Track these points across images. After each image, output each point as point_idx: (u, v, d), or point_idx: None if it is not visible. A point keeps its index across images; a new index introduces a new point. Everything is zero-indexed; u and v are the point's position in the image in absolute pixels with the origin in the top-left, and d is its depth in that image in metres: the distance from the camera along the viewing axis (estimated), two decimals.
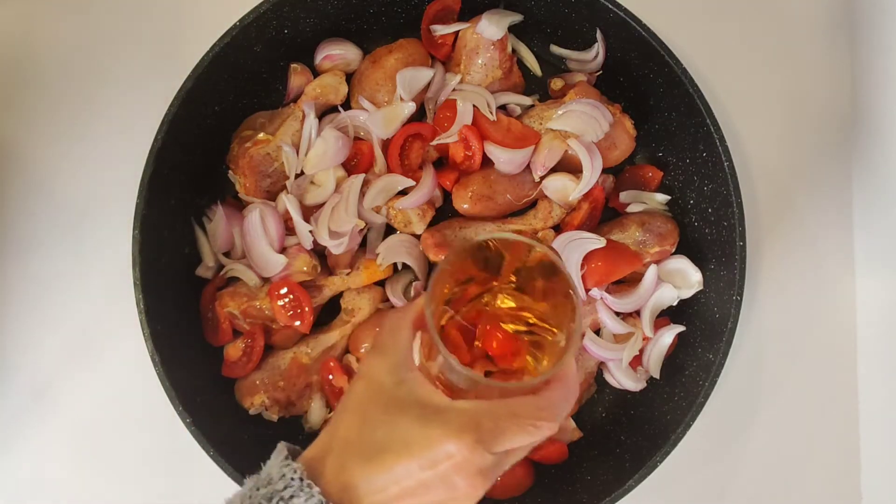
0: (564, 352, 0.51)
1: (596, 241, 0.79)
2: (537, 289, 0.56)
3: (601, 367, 0.83)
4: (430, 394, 0.52)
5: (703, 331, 0.79)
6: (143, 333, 0.73)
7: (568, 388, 0.53)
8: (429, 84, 0.83)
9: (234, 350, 0.81)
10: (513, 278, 0.56)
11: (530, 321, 0.56)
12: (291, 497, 0.48)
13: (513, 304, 0.56)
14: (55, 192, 0.87)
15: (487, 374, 0.55)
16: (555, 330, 0.54)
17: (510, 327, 0.56)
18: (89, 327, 0.86)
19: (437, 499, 0.50)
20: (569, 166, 0.82)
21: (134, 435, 0.85)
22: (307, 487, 0.49)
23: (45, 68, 0.88)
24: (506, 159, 0.80)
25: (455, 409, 0.51)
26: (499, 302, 0.57)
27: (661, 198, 0.85)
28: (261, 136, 0.81)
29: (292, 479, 0.49)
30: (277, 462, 0.51)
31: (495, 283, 0.56)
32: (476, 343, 0.55)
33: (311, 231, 0.79)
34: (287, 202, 0.79)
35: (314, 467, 0.51)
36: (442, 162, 0.85)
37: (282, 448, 0.52)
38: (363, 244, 0.83)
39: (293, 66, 0.84)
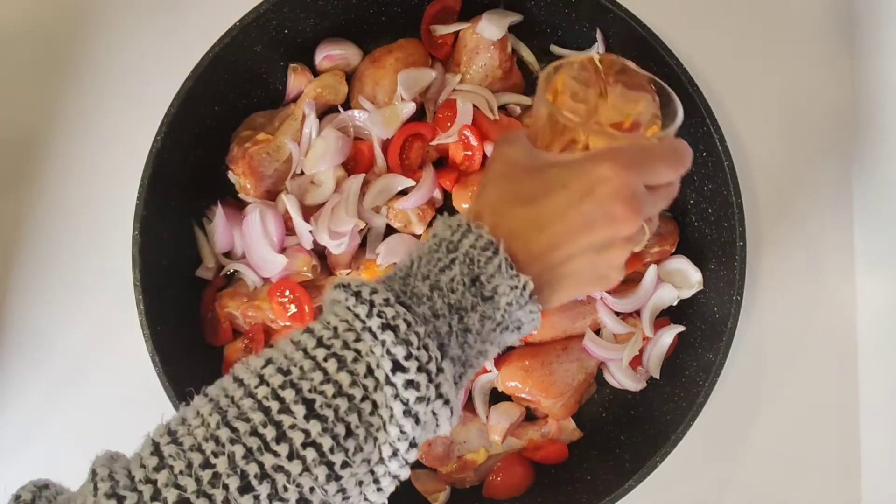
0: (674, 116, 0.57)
1: None
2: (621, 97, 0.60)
3: (601, 367, 0.83)
4: (567, 155, 0.53)
5: (703, 331, 0.79)
6: (143, 334, 0.73)
7: (685, 145, 0.56)
8: (429, 84, 0.83)
9: (234, 350, 0.81)
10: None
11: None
12: (461, 239, 0.49)
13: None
14: (54, 193, 0.87)
15: None
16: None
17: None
18: (89, 328, 0.86)
19: (600, 236, 0.50)
20: None
21: (134, 436, 0.85)
22: (475, 228, 0.49)
23: (43, 69, 0.88)
24: None
25: (598, 150, 0.52)
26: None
27: None
28: (261, 136, 0.81)
29: (459, 225, 0.50)
30: (439, 223, 0.51)
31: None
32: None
33: (310, 231, 0.79)
34: (287, 202, 0.79)
35: (471, 220, 0.51)
36: (442, 162, 0.85)
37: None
38: (363, 244, 0.83)
39: (293, 66, 0.84)
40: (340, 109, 0.83)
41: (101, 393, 0.85)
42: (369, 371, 0.45)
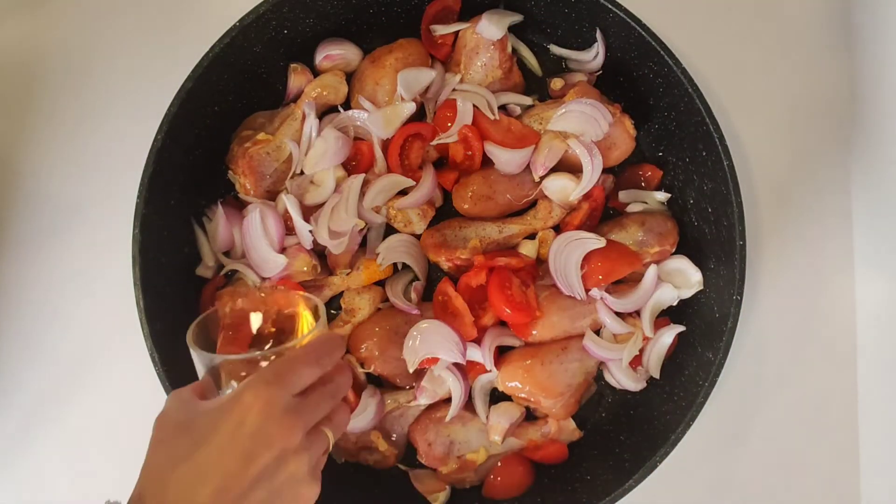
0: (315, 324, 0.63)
1: (596, 241, 0.79)
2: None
3: (601, 367, 0.83)
4: (213, 399, 0.55)
5: (703, 331, 0.79)
6: (143, 332, 0.73)
7: (327, 337, 0.60)
8: (429, 84, 0.83)
9: None
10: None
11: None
12: None
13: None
14: (55, 192, 0.87)
15: None
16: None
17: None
18: (89, 327, 0.86)
19: (265, 462, 0.51)
20: (569, 166, 0.82)
21: (134, 435, 0.85)
22: None
23: (46, 69, 0.88)
24: (506, 159, 0.80)
25: (239, 386, 0.54)
26: None
27: (661, 196, 0.85)
28: (261, 136, 0.81)
29: None
30: None
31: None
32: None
33: (310, 231, 0.79)
34: (287, 202, 0.79)
35: None
36: (442, 162, 0.85)
37: None
38: (363, 244, 0.83)
39: (293, 66, 0.84)
40: (340, 109, 0.83)
41: (100, 391, 0.85)
42: None
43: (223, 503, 0.50)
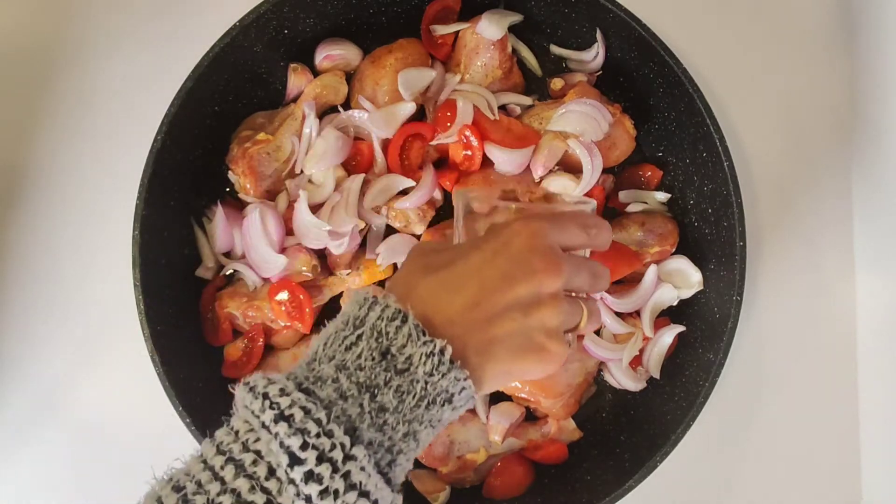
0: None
1: None
2: None
3: (601, 367, 0.83)
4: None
5: (703, 331, 0.79)
6: (143, 334, 0.73)
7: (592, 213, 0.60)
8: (429, 84, 0.83)
9: (234, 350, 0.81)
10: None
11: None
12: (367, 312, 0.46)
13: None
14: (53, 193, 0.87)
15: None
16: None
17: None
18: (90, 328, 0.86)
19: (522, 292, 0.48)
20: (569, 166, 0.82)
21: (134, 435, 0.85)
22: (382, 299, 0.46)
23: (44, 69, 0.88)
24: (506, 159, 0.80)
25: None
26: None
27: (661, 196, 0.85)
28: (261, 136, 0.81)
29: (365, 298, 0.47)
30: (349, 299, 0.49)
31: None
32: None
33: (328, 230, 0.78)
34: (300, 197, 0.79)
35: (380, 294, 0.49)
36: (442, 162, 0.85)
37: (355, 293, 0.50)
38: (363, 244, 0.83)
39: (293, 66, 0.84)
40: (340, 109, 0.83)
41: (101, 392, 0.85)
42: (271, 472, 0.40)
43: (472, 319, 0.47)
